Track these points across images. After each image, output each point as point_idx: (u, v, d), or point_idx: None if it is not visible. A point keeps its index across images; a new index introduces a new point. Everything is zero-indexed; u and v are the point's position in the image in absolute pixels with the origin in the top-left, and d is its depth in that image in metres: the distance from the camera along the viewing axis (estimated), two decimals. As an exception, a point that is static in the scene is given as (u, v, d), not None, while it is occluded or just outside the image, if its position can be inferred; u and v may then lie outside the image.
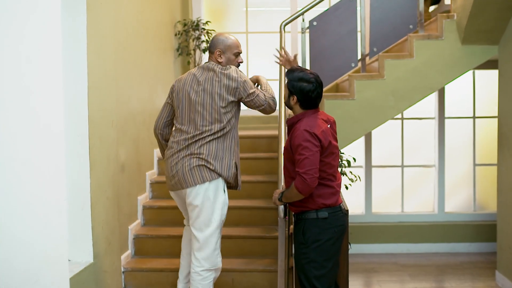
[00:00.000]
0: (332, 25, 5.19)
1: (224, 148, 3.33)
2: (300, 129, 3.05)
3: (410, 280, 5.43)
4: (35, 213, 2.23)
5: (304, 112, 3.16)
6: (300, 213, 3.18)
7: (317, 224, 3.10)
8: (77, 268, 3.34)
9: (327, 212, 3.11)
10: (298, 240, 3.18)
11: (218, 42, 3.42)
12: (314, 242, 3.10)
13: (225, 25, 6.85)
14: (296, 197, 3.07)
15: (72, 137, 3.39)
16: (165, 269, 4.14)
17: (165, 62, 5.66)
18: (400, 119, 6.55)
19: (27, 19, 2.19)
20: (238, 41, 3.47)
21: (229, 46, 3.42)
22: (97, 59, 3.56)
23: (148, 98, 5.01)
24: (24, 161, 2.16)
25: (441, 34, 5.07)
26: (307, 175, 2.97)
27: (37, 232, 2.26)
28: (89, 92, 3.43)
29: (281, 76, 4.53)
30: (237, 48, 3.44)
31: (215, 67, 3.36)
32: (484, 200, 6.65)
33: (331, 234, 3.11)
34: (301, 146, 3.01)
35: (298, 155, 3.01)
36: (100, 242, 3.60)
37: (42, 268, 2.32)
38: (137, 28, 4.68)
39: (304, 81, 3.12)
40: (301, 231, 3.15)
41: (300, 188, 3.00)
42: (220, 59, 3.41)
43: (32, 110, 2.22)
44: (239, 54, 3.45)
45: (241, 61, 3.47)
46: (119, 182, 4.07)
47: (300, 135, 3.03)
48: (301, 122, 3.11)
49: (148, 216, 4.66)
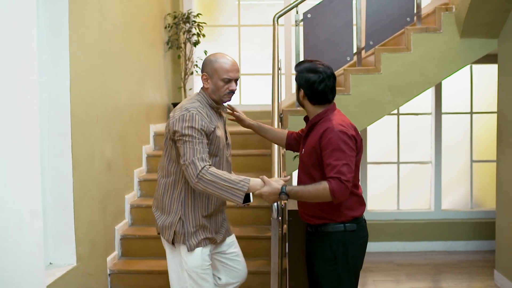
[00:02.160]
0: (327, 17, 5.05)
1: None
2: (334, 130, 2.65)
3: (406, 280, 5.29)
4: (6, 217, 2.06)
5: (326, 110, 2.79)
6: (321, 225, 2.80)
7: (345, 237, 2.77)
8: (59, 272, 3.18)
9: (355, 224, 2.79)
10: (324, 256, 2.80)
11: (205, 63, 2.81)
12: (344, 256, 2.77)
13: (217, 18, 6.68)
14: (317, 199, 2.65)
15: (53, 135, 3.23)
16: (153, 271, 3.98)
17: (154, 56, 5.49)
18: (396, 115, 6.41)
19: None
20: (231, 64, 2.77)
21: (216, 70, 2.75)
22: (80, 51, 3.38)
23: (136, 93, 4.83)
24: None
25: (439, 27, 4.94)
26: (349, 183, 2.60)
27: (9, 237, 2.09)
28: (72, 86, 3.26)
29: (274, 70, 4.38)
30: (227, 73, 2.74)
31: (184, 102, 2.77)
32: (481, 197, 6.54)
33: (358, 246, 2.84)
34: (339, 150, 2.62)
35: (335, 160, 2.61)
36: (84, 244, 3.44)
37: (16, 275, 2.16)
38: (124, 20, 4.50)
39: (310, 72, 2.78)
40: (328, 246, 2.78)
41: (338, 195, 2.59)
42: (206, 84, 2.79)
43: (4, 105, 2.05)
44: (230, 80, 2.76)
45: (232, 89, 2.77)
46: (105, 181, 3.90)
47: (336, 137, 2.64)
48: (327, 121, 2.73)
49: (136, 215, 4.49)
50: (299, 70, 2.84)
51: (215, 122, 2.77)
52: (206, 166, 2.59)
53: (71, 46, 3.24)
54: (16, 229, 2.12)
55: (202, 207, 2.81)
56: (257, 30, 6.55)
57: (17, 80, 2.14)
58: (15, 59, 2.13)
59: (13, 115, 2.11)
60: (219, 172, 2.60)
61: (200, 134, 2.64)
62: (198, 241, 2.78)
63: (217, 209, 2.88)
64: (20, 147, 2.16)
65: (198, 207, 2.80)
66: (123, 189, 4.40)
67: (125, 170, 4.45)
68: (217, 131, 2.76)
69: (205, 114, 2.73)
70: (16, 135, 2.13)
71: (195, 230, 2.79)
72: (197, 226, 2.79)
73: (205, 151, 2.64)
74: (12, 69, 2.11)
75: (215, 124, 2.76)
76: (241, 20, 6.58)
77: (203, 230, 2.81)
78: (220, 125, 2.83)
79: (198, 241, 2.78)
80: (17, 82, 2.14)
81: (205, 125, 2.67)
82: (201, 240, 2.79)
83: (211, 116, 2.78)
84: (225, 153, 2.85)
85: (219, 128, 2.79)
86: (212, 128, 2.71)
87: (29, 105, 2.22)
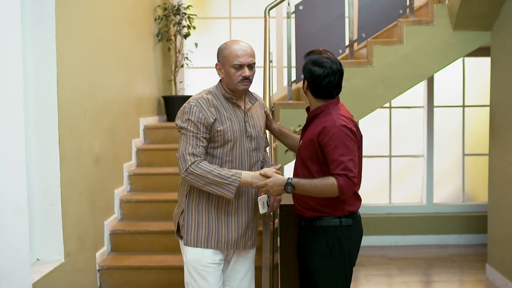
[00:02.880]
0: (319, 9, 4.99)
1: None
2: (336, 125, 2.59)
3: (398, 274, 5.28)
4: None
5: (328, 103, 2.71)
6: (315, 218, 2.74)
7: (340, 232, 2.72)
8: (46, 269, 3.11)
9: (351, 219, 2.75)
10: (319, 250, 2.73)
11: (217, 53, 2.70)
12: (340, 251, 2.72)
13: (208, 10, 6.61)
14: (323, 194, 2.60)
15: (40, 129, 3.16)
16: (143, 266, 3.93)
17: (144, 48, 5.41)
18: (388, 108, 6.38)
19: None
20: (242, 49, 2.63)
21: (226, 57, 2.64)
22: (67, 43, 3.31)
23: (126, 86, 4.76)
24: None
25: (432, 20, 4.90)
26: (355, 179, 2.58)
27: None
28: (59, 79, 3.18)
29: (266, 63, 4.32)
30: (237, 58, 2.61)
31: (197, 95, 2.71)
32: (473, 191, 6.53)
33: (354, 241, 2.80)
34: (343, 145, 2.58)
35: (340, 156, 2.56)
36: (72, 239, 3.38)
37: (1, 273, 2.09)
38: (113, 11, 4.43)
39: (315, 65, 2.67)
40: (323, 240, 2.72)
41: (345, 191, 2.56)
42: (220, 74, 2.71)
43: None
44: (241, 66, 2.62)
45: (246, 75, 2.63)
46: (94, 175, 3.83)
47: (339, 132, 2.59)
48: (328, 115, 2.66)
49: (126, 210, 4.43)
50: (306, 61, 2.73)
51: (225, 113, 2.66)
52: (196, 161, 2.54)
53: (58, 38, 3.16)
54: (0, 225, 2.06)
55: (208, 203, 2.69)
56: (248, 22, 6.49)
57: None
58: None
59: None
60: (209, 167, 2.55)
61: (195, 127, 2.58)
62: (197, 239, 2.68)
63: (237, 212, 2.72)
64: (4, 142, 2.10)
65: (203, 202, 2.69)
66: (112, 184, 4.33)
67: (114, 164, 4.39)
68: (225, 123, 2.65)
69: (209, 105, 2.64)
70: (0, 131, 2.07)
71: (196, 226, 2.69)
72: (199, 221, 2.69)
73: (198, 145, 2.57)
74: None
75: (224, 116, 2.65)
76: (232, 12, 6.51)
77: (207, 228, 2.69)
78: (234, 116, 2.70)
79: (197, 239, 2.68)
80: (0, 75, 2.08)
81: (203, 117, 2.59)
82: (202, 239, 2.68)
83: (221, 108, 2.67)
84: (245, 145, 2.70)
85: (230, 120, 2.66)
86: (212, 120, 2.61)
87: (13, 98, 2.15)
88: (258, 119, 2.82)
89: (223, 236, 2.71)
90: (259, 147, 2.80)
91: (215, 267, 2.72)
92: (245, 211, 2.74)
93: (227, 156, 2.66)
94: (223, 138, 2.64)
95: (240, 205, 2.73)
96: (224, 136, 2.64)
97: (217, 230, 2.69)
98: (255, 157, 2.77)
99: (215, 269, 2.72)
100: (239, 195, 2.70)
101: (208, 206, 2.70)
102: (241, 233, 2.74)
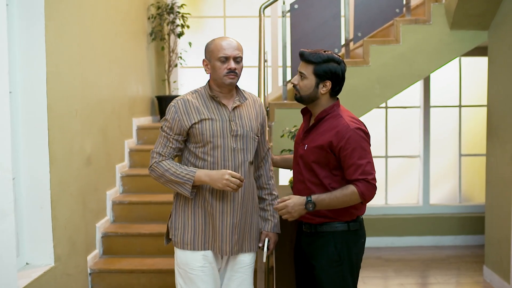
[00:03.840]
0: (315, 8, 4.95)
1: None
2: (350, 128, 2.53)
3: (395, 276, 5.22)
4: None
5: (332, 105, 2.63)
6: (322, 224, 2.65)
7: (348, 237, 2.64)
8: (35, 273, 3.03)
9: (358, 223, 2.67)
10: (328, 257, 2.64)
11: (205, 49, 2.67)
12: (348, 256, 2.64)
13: (202, 9, 6.54)
14: (345, 204, 2.54)
15: (29, 129, 3.08)
16: (135, 270, 3.85)
17: (137, 47, 5.33)
18: (384, 108, 6.33)
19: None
20: (227, 42, 2.59)
21: (212, 51, 2.60)
22: (58, 41, 3.23)
23: (118, 85, 4.68)
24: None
25: (429, 19, 4.86)
26: (375, 181, 2.53)
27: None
28: (48, 78, 3.10)
29: (261, 63, 4.26)
30: (222, 51, 2.55)
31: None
32: (470, 192, 6.49)
33: (360, 245, 2.72)
34: (360, 148, 2.53)
35: (359, 159, 2.52)
36: (62, 243, 3.30)
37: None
38: (106, 10, 4.35)
39: (334, 62, 2.59)
40: (332, 246, 2.63)
41: (367, 196, 2.52)
42: (207, 70, 2.66)
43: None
44: (227, 59, 2.56)
45: (231, 67, 2.56)
46: (85, 177, 3.76)
47: (355, 136, 2.53)
48: (337, 118, 2.58)
49: (118, 212, 4.35)
50: (319, 60, 2.57)
51: (206, 113, 2.60)
52: (159, 160, 2.60)
53: (47, 36, 3.08)
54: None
55: (195, 205, 2.64)
56: (243, 21, 6.43)
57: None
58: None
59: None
60: (168, 165, 2.58)
61: (168, 128, 2.62)
62: (183, 241, 2.64)
63: (222, 216, 2.62)
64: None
65: (190, 204, 2.64)
66: (104, 185, 4.25)
67: (106, 165, 4.31)
68: (205, 123, 2.58)
69: (189, 106, 2.60)
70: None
71: (183, 227, 2.65)
72: (185, 223, 2.64)
73: (167, 146, 2.62)
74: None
75: (205, 116, 2.59)
76: (227, 11, 6.45)
77: (193, 230, 2.63)
78: (217, 115, 2.62)
79: (183, 241, 2.64)
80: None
81: (177, 119, 2.59)
82: (189, 240, 2.63)
83: (203, 108, 2.61)
84: (229, 145, 2.60)
85: (211, 120, 2.59)
86: (187, 123, 2.57)
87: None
88: (248, 119, 2.70)
89: (209, 237, 2.64)
90: (247, 147, 2.67)
91: (206, 272, 2.64)
92: (230, 215, 2.63)
93: (209, 156, 2.60)
94: (202, 138, 2.59)
95: (224, 209, 2.62)
96: (203, 137, 2.59)
97: (204, 232, 2.64)
98: (241, 158, 2.65)
99: (205, 273, 2.64)
100: (223, 199, 2.61)
101: (195, 208, 2.65)
102: (226, 237, 2.64)
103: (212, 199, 2.61)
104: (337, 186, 2.60)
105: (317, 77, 2.59)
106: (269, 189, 2.84)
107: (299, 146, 2.72)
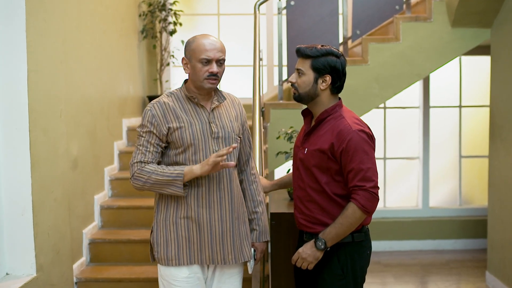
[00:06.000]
0: (311, 5, 4.83)
1: None
2: (352, 130, 2.36)
3: (394, 282, 5.07)
4: None
5: (334, 105, 2.46)
6: None
7: (353, 248, 2.46)
8: (16, 284, 2.86)
9: (363, 233, 2.48)
10: (331, 270, 2.47)
11: (185, 47, 2.49)
12: (352, 269, 2.46)
13: (195, 6, 6.38)
14: (353, 226, 2.36)
15: (9, 131, 2.90)
16: (124, 278, 3.68)
17: (127, 45, 5.16)
18: (383, 108, 6.19)
19: None
20: (210, 42, 2.41)
21: (193, 51, 2.41)
22: (39, 37, 3.05)
23: (108, 85, 4.51)
24: None
25: (429, 16, 4.73)
26: (376, 189, 2.35)
27: None
28: (29, 77, 2.93)
29: (256, 62, 4.10)
30: (205, 52, 2.38)
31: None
32: (470, 194, 6.36)
33: (366, 258, 2.54)
34: (362, 151, 2.35)
35: (359, 164, 2.34)
36: (45, 251, 3.11)
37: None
38: (93, 6, 4.18)
39: (333, 55, 2.42)
40: (335, 259, 2.46)
41: (369, 208, 2.33)
42: (186, 70, 2.47)
43: None
44: (209, 61, 2.38)
45: (213, 71, 2.38)
46: (71, 180, 3.58)
47: (357, 138, 2.35)
48: (339, 119, 2.42)
49: (107, 217, 4.18)
50: (316, 53, 2.41)
51: (184, 116, 2.43)
52: (139, 167, 2.40)
53: (28, 32, 2.90)
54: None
55: (176, 215, 2.45)
56: (238, 19, 6.28)
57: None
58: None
59: None
60: (152, 168, 2.39)
61: (146, 133, 2.43)
62: (167, 257, 2.45)
63: (210, 224, 2.44)
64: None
65: (171, 215, 2.46)
66: (92, 189, 4.08)
67: (94, 168, 4.13)
68: (183, 127, 2.41)
69: (166, 109, 2.42)
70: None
71: (165, 243, 2.46)
72: (167, 238, 2.45)
73: (147, 152, 2.42)
74: None
75: (183, 119, 2.42)
76: (221, 8, 6.30)
77: (176, 245, 2.45)
78: (196, 118, 2.45)
79: (167, 257, 2.45)
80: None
81: (155, 123, 2.41)
82: (173, 256, 2.44)
83: (180, 111, 2.44)
84: (210, 147, 2.44)
85: (189, 123, 2.42)
86: (165, 127, 2.40)
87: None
88: (228, 119, 2.52)
89: (195, 250, 2.45)
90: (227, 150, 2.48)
91: (192, 282, 2.46)
92: (218, 223, 2.45)
93: (191, 161, 2.42)
94: (182, 143, 2.42)
95: (212, 216, 2.44)
96: (183, 141, 2.41)
97: (188, 246, 2.44)
98: (224, 161, 2.45)
99: (191, 284, 2.45)
100: (209, 206, 2.44)
101: (176, 219, 2.45)
102: (216, 246, 2.46)
103: (197, 206, 2.43)
104: (340, 192, 2.42)
105: (315, 71, 2.42)
106: (251, 196, 2.65)
107: (299, 150, 2.54)
